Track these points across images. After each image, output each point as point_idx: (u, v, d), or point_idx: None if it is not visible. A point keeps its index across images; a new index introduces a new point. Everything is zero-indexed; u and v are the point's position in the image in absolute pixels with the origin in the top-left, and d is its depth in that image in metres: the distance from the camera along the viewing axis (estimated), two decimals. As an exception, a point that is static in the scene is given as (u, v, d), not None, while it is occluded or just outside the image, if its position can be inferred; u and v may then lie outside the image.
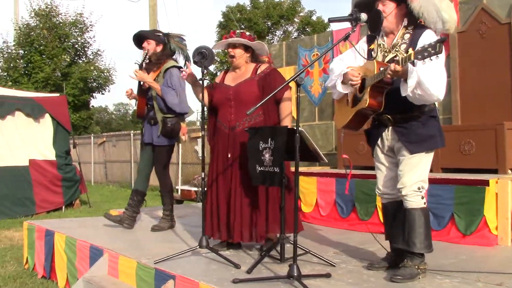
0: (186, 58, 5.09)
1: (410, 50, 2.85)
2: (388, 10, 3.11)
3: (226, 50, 4.11)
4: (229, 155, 3.88)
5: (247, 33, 3.96)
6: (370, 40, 3.29)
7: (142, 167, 5.14)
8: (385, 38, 3.21)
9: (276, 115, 3.93)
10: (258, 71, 3.95)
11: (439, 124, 3.17)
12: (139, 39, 5.02)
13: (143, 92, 4.96)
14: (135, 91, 5.04)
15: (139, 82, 4.93)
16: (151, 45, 4.95)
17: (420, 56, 2.71)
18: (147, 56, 4.98)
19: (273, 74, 3.94)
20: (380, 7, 3.12)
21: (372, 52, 3.23)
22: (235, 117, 3.88)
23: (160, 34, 5.06)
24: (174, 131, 4.89)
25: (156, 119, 4.90)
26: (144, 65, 4.99)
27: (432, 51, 2.67)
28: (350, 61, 3.32)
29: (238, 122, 3.87)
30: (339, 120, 3.43)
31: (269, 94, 3.32)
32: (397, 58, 2.89)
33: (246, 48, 3.99)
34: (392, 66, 2.85)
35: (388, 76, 2.91)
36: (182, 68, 4.90)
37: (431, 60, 2.70)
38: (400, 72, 2.86)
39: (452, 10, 3.11)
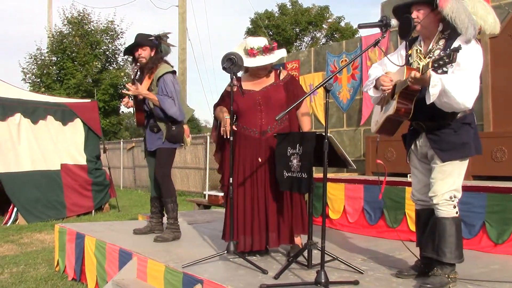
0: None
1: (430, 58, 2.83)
2: (422, 15, 3.08)
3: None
4: (260, 160, 3.89)
5: (273, 45, 3.97)
6: (409, 45, 3.27)
7: (152, 175, 5.03)
8: (422, 43, 3.18)
9: (297, 121, 4.03)
10: (281, 77, 4.02)
11: (474, 131, 3.09)
12: (133, 46, 4.87)
13: (139, 103, 4.84)
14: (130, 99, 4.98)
15: (134, 96, 4.80)
16: (146, 52, 4.84)
17: (436, 65, 2.71)
18: (143, 63, 4.84)
19: (295, 81, 4.14)
20: (415, 13, 3.09)
21: (410, 58, 3.21)
22: (266, 122, 3.88)
23: (152, 38, 4.91)
24: (179, 135, 4.83)
25: (158, 127, 4.82)
26: (135, 80, 4.88)
27: (447, 60, 2.67)
28: (390, 66, 3.29)
29: (269, 127, 3.89)
30: (374, 126, 3.43)
31: (292, 100, 3.44)
32: (419, 65, 2.86)
33: None
34: (413, 73, 2.83)
35: (409, 83, 2.89)
36: (175, 71, 4.92)
37: (446, 69, 2.70)
38: (421, 80, 2.83)
39: (489, 12, 3.04)
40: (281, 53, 3.99)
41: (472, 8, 3.00)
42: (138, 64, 4.94)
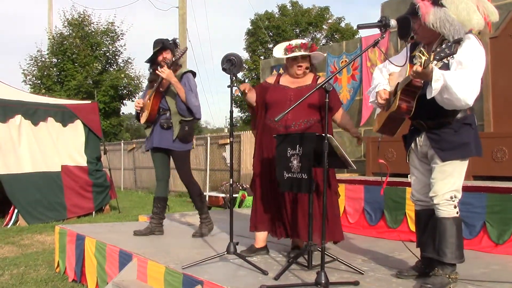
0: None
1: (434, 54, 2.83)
2: (417, 26, 3.08)
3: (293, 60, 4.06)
4: None
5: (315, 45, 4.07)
6: (413, 48, 3.27)
7: (160, 174, 5.10)
8: (426, 47, 3.18)
9: (331, 126, 4.06)
10: (319, 80, 4.04)
11: (475, 131, 3.09)
12: (159, 48, 4.96)
13: (159, 94, 4.90)
14: (141, 100, 5.05)
15: (158, 85, 4.86)
16: (169, 55, 4.96)
17: (438, 57, 2.73)
18: (167, 64, 4.89)
19: (333, 89, 4.02)
20: (412, 24, 3.10)
21: (414, 59, 3.21)
22: (292, 117, 3.86)
23: (171, 42, 5.04)
24: (191, 135, 4.90)
25: (169, 123, 4.86)
26: (171, 65, 4.90)
27: (448, 52, 2.69)
28: (393, 67, 3.30)
29: (294, 122, 3.88)
30: (376, 124, 3.43)
31: (329, 109, 3.34)
32: (421, 60, 2.86)
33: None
34: (415, 67, 2.84)
35: (411, 77, 2.89)
36: (195, 73, 5.03)
37: (447, 61, 2.73)
38: (423, 74, 2.84)
39: (473, 11, 3.02)
40: (319, 53, 4.03)
41: (454, 11, 2.99)
42: (158, 67, 4.97)
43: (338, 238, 3.98)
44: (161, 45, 4.96)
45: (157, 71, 4.81)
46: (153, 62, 5.03)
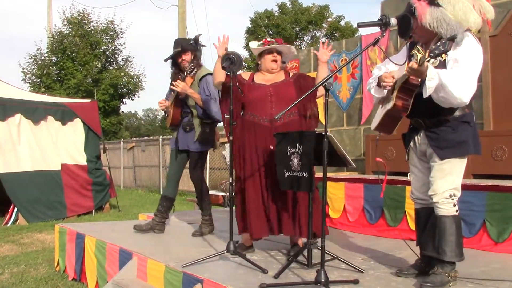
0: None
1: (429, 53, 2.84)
2: (415, 25, 3.08)
3: (254, 55, 4.19)
4: (272, 147, 3.90)
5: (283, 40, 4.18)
6: (411, 47, 3.27)
7: (173, 174, 5.17)
8: (424, 45, 3.18)
9: (305, 113, 4.05)
10: (290, 75, 4.16)
11: (473, 129, 3.09)
12: (179, 49, 4.98)
13: (180, 101, 4.97)
14: (167, 100, 5.06)
15: (177, 93, 4.91)
16: (188, 56, 4.99)
17: (432, 55, 2.74)
18: (185, 66, 4.98)
19: (304, 76, 4.26)
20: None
21: (412, 58, 3.21)
22: (276, 111, 3.86)
23: (192, 42, 5.05)
24: (211, 137, 4.95)
25: (192, 126, 4.93)
26: (185, 77, 4.97)
27: (442, 49, 2.71)
28: (392, 66, 3.29)
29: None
30: (374, 122, 3.43)
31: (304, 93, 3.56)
32: (417, 57, 2.87)
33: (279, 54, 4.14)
34: (410, 63, 2.84)
35: (407, 74, 2.90)
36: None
37: (442, 58, 2.77)
38: (418, 71, 2.84)
39: (469, 11, 3.02)
40: (289, 46, 4.15)
41: (451, 11, 2.99)
42: (178, 67, 5.04)
43: (319, 233, 3.93)
44: (180, 48, 4.97)
45: (171, 86, 4.89)
46: (174, 62, 5.08)
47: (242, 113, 4.09)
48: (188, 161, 5.13)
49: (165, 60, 5.12)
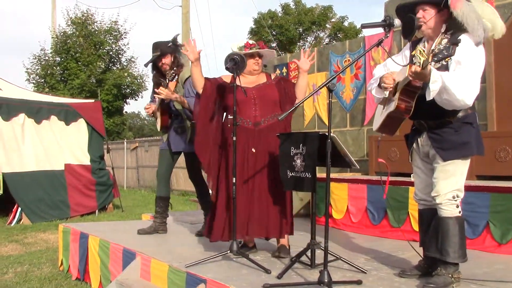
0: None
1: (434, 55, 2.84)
2: (428, 16, 3.08)
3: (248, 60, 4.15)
4: (254, 150, 3.90)
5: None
6: (413, 46, 3.27)
7: (163, 173, 5.09)
8: (426, 43, 3.19)
9: (290, 117, 4.10)
10: (272, 77, 4.19)
11: (476, 131, 3.09)
12: (158, 52, 4.95)
13: (166, 105, 4.95)
14: (153, 104, 5.05)
15: (162, 99, 4.87)
16: (168, 59, 4.95)
17: (436, 59, 2.75)
18: (165, 70, 4.96)
19: (285, 79, 4.44)
20: (420, 13, 3.09)
21: (414, 58, 3.21)
22: (260, 114, 3.95)
23: (171, 44, 5.00)
24: None
25: (183, 127, 4.91)
26: (168, 83, 4.95)
27: (446, 53, 2.73)
28: (393, 67, 3.30)
29: (263, 119, 3.95)
30: (375, 123, 3.44)
31: (284, 97, 3.96)
32: (420, 61, 2.86)
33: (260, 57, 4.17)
34: (413, 67, 2.84)
35: (410, 78, 2.89)
36: None
37: (446, 62, 2.75)
38: (421, 75, 2.83)
39: (497, 17, 3.06)
40: (271, 51, 4.26)
41: (481, 11, 3.01)
42: (160, 71, 5.02)
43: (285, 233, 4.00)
44: (159, 52, 4.94)
45: (155, 95, 4.86)
46: (154, 66, 5.05)
47: (224, 116, 4.07)
48: (176, 161, 5.12)
49: (145, 65, 5.11)
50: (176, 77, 4.98)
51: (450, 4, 2.98)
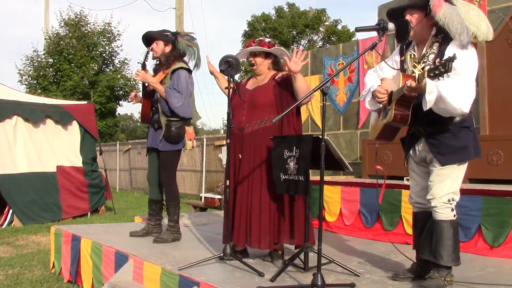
0: (197, 59, 4.90)
1: (427, 66, 2.83)
2: (416, 20, 3.08)
3: (248, 59, 4.08)
4: (240, 156, 3.87)
5: (266, 40, 3.96)
6: (402, 51, 3.27)
7: (151, 176, 4.98)
8: (416, 48, 3.19)
9: (289, 121, 3.85)
10: (276, 77, 3.93)
11: (473, 133, 3.10)
12: (148, 40, 4.85)
13: (148, 94, 4.79)
14: (141, 94, 4.93)
15: (143, 83, 4.76)
16: (159, 46, 4.78)
17: (432, 74, 2.72)
18: (154, 57, 4.81)
19: (288, 80, 3.86)
20: (408, 17, 3.09)
21: (404, 63, 3.21)
22: (246, 119, 3.86)
23: (168, 33, 4.85)
24: (178, 136, 4.70)
25: (160, 123, 4.73)
26: (146, 65, 4.80)
27: (442, 70, 2.68)
28: (387, 71, 3.29)
29: (248, 124, 3.85)
30: (372, 132, 3.43)
31: (283, 99, 3.74)
32: (414, 74, 2.86)
33: (267, 55, 3.98)
34: (408, 82, 2.84)
35: (405, 92, 2.90)
36: (191, 70, 4.82)
37: (443, 78, 2.72)
38: (418, 89, 2.84)
39: (482, 20, 3.05)
40: (278, 48, 3.92)
41: (465, 14, 3.01)
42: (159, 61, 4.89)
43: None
44: (148, 35, 4.82)
45: (132, 76, 4.77)
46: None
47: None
48: None
49: (146, 53, 4.86)
50: (168, 66, 4.77)
51: (432, 7, 2.98)
